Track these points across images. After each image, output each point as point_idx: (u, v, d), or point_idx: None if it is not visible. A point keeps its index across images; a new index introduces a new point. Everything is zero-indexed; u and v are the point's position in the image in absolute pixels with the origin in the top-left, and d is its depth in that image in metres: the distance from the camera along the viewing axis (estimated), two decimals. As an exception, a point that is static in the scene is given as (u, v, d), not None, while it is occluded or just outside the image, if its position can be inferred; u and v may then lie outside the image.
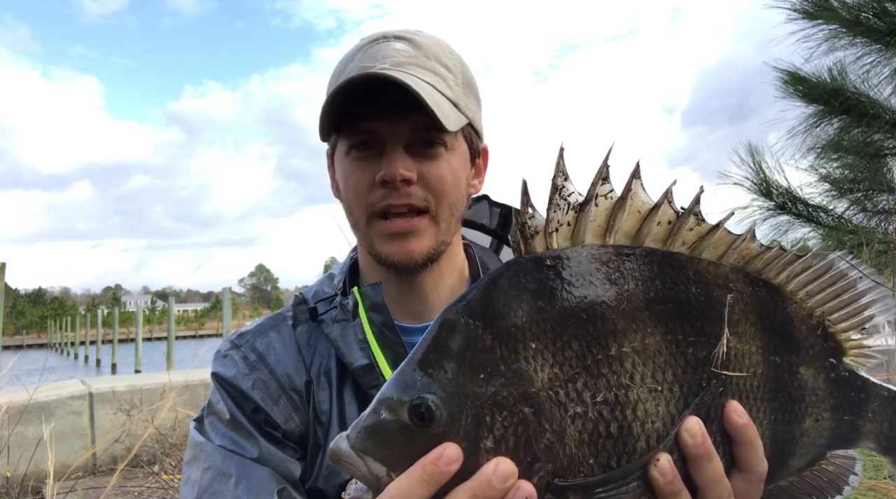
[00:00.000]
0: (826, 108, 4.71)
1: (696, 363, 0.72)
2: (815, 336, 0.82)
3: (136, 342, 32.13)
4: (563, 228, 0.71)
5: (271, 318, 1.25)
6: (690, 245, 0.75)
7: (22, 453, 5.95)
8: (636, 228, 0.73)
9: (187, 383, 7.41)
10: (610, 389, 0.68)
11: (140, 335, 32.51)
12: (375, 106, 1.07)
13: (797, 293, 0.82)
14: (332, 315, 1.19)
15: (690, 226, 0.74)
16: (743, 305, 0.77)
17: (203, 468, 1.09)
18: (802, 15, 4.64)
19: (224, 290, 15.99)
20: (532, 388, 0.67)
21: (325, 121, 1.10)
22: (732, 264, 0.78)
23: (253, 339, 1.21)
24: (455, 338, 0.68)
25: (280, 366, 1.16)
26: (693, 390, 0.72)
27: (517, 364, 0.67)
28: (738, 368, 0.75)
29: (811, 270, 0.81)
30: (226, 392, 1.15)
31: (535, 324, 0.68)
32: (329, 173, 1.26)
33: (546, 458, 0.66)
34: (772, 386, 0.78)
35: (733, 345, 0.75)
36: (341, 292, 1.22)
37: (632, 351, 0.69)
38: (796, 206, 4.92)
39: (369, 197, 1.11)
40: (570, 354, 0.68)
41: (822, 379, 0.82)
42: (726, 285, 0.76)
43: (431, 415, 0.65)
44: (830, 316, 0.83)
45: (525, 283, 0.69)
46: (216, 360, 1.20)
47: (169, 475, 5.85)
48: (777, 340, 0.79)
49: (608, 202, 0.71)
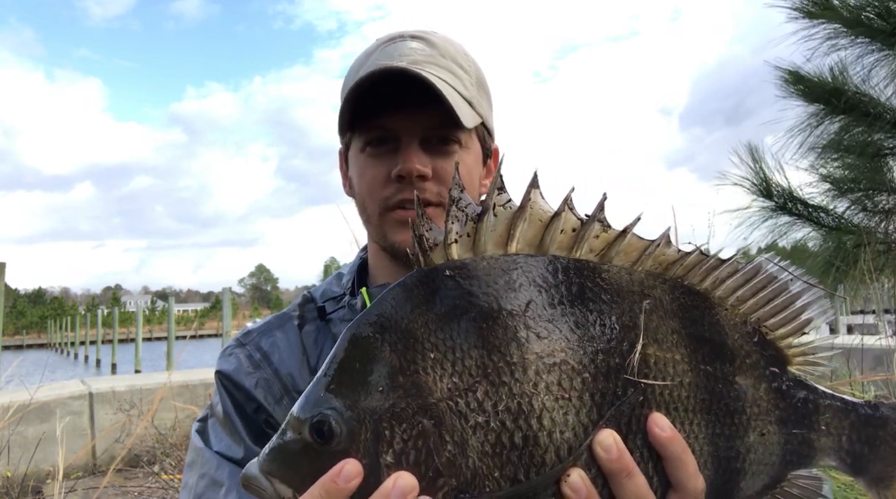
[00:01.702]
0: (827, 108, 4.71)
1: (608, 371, 0.69)
2: (751, 344, 0.77)
3: (136, 342, 32.14)
4: (463, 239, 0.69)
5: (277, 317, 1.25)
6: (599, 252, 0.72)
7: (22, 453, 5.95)
8: (539, 236, 0.70)
9: (187, 383, 7.41)
10: (512, 397, 0.65)
11: (140, 335, 32.52)
12: (392, 102, 1.07)
13: (726, 299, 0.77)
14: (341, 315, 1.19)
15: (596, 233, 0.72)
16: (662, 311, 0.73)
17: (199, 475, 1.09)
18: (803, 14, 4.64)
19: (224, 290, 15.98)
20: (431, 398, 0.65)
21: (344, 116, 1.10)
22: (648, 270, 0.74)
23: (258, 338, 1.21)
24: (355, 352, 0.67)
25: (284, 366, 1.16)
26: (608, 400, 0.68)
27: (416, 375, 0.65)
28: (660, 378, 0.71)
29: (739, 274, 0.77)
30: (227, 392, 1.15)
31: (434, 334, 0.67)
32: (341, 172, 1.26)
33: (449, 472, 0.64)
34: (704, 397, 0.73)
35: (653, 352, 0.71)
36: (350, 292, 1.22)
37: (535, 358, 0.66)
38: (796, 206, 4.92)
39: (384, 192, 1.11)
40: (469, 363, 0.66)
41: (764, 389, 0.76)
42: (641, 291, 0.73)
43: (331, 432, 0.64)
44: (766, 322, 0.78)
45: (424, 293, 0.68)
46: (221, 357, 1.21)
47: (169, 475, 5.85)
48: (707, 349, 0.74)
49: (507, 212, 0.69)
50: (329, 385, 0.67)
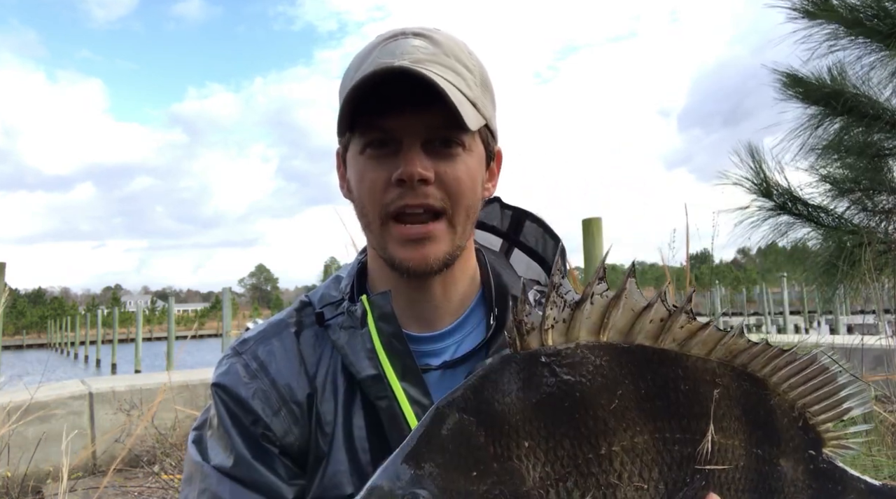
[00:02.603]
0: (826, 110, 4.70)
1: (681, 460, 0.74)
2: (796, 428, 0.84)
3: (136, 342, 32.14)
4: (559, 325, 0.72)
5: (274, 324, 1.22)
6: (680, 342, 0.77)
7: (22, 453, 5.95)
8: (629, 325, 0.74)
9: (187, 383, 7.41)
10: (599, 488, 0.69)
11: (140, 335, 32.52)
12: (393, 102, 1.04)
13: (780, 386, 0.83)
14: (339, 321, 1.16)
15: (682, 323, 0.76)
16: (728, 399, 0.79)
17: (199, 490, 1.08)
18: (802, 14, 4.64)
19: (224, 290, 15.95)
20: (524, 487, 0.67)
21: (344, 116, 1.06)
22: (719, 359, 0.79)
23: (255, 346, 1.18)
24: (448, 432, 0.68)
25: (281, 376, 1.14)
26: (677, 487, 0.73)
27: (510, 462, 0.67)
28: (721, 462, 0.76)
29: (795, 363, 0.83)
30: (224, 404, 1.13)
31: (529, 422, 0.68)
32: (338, 173, 1.22)
33: None
34: (753, 478, 0.79)
35: (718, 439, 0.76)
36: (349, 298, 1.19)
37: (621, 450, 0.70)
38: (796, 206, 4.91)
39: (384, 197, 1.07)
40: (561, 454, 0.68)
41: (802, 470, 0.84)
42: (713, 381, 0.78)
43: None
44: (811, 408, 0.85)
45: (519, 379, 0.70)
46: (218, 368, 1.18)
47: (169, 475, 5.85)
48: (759, 433, 0.81)
49: (603, 300, 0.73)
50: (419, 462, 0.67)
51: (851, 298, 5.08)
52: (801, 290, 34.81)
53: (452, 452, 0.67)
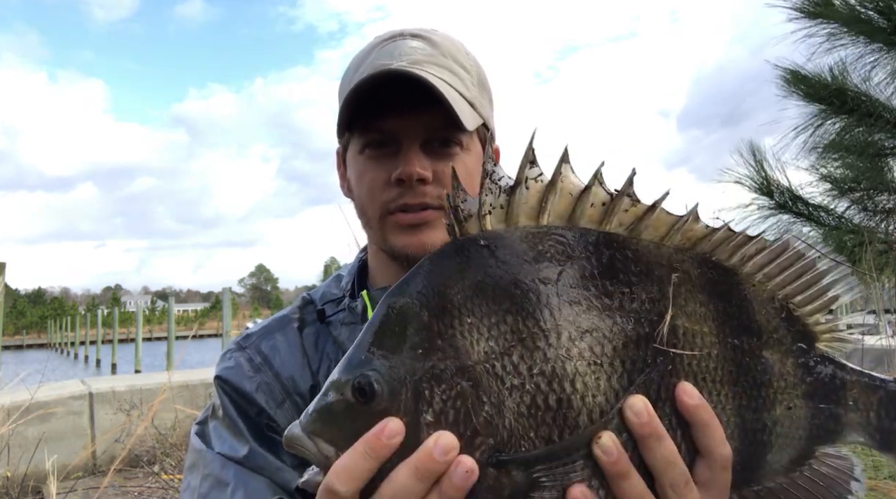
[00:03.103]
0: (827, 108, 4.70)
1: (638, 339, 0.70)
2: (778, 319, 0.78)
3: (136, 342, 32.14)
4: (497, 211, 0.71)
5: (277, 319, 1.24)
6: (628, 226, 0.73)
7: (22, 453, 5.95)
8: (569, 209, 0.72)
9: (187, 383, 7.41)
10: (546, 361, 0.68)
11: (140, 335, 32.52)
12: (391, 103, 1.05)
13: (754, 276, 0.78)
14: (340, 317, 1.17)
15: (625, 207, 0.73)
16: (690, 285, 0.74)
17: (202, 476, 1.08)
18: (803, 14, 4.64)
19: (224, 290, 15.96)
20: (469, 361, 0.67)
21: (343, 118, 1.08)
22: (676, 245, 0.75)
23: (258, 341, 1.19)
24: (395, 317, 0.70)
25: (285, 369, 1.15)
26: (638, 367, 0.70)
27: (454, 339, 0.68)
28: (689, 348, 0.72)
29: (766, 251, 0.78)
30: (228, 396, 1.14)
31: (470, 300, 0.69)
32: (338, 172, 1.24)
33: (486, 432, 0.66)
34: (731, 369, 0.74)
35: (681, 324, 0.72)
36: (349, 294, 1.20)
37: (568, 324, 0.69)
38: (797, 205, 4.91)
39: (384, 196, 1.09)
40: (504, 329, 0.68)
41: (791, 364, 0.78)
42: (670, 265, 0.74)
43: (373, 391, 0.66)
44: (794, 299, 0.79)
45: (460, 262, 0.71)
46: (221, 361, 1.19)
47: (169, 475, 5.85)
48: (734, 323, 0.76)
49: (539, 185, 0.71)
50: (370, 348, 0.69)
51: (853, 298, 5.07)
52: (802, 290, 34.65)
53: (399, 333, 0.69)
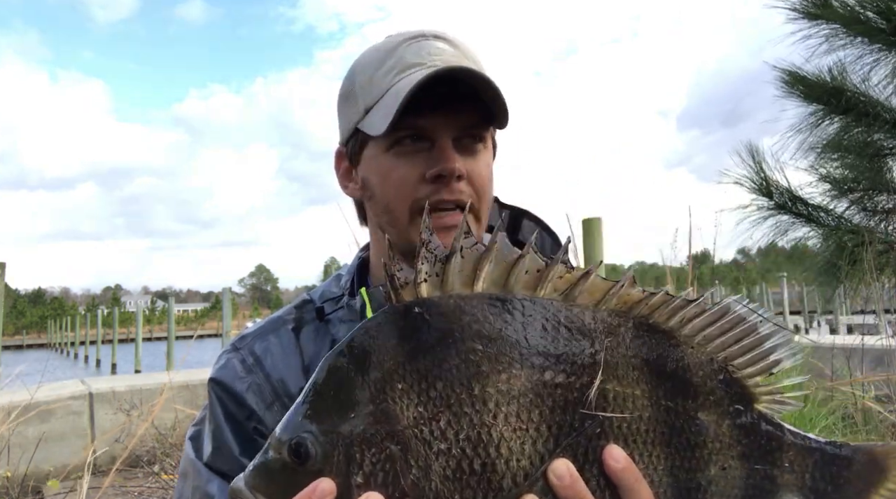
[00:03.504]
0: (826, 108, 4.71)
1: (566, 405, 0.72)
2: (715, 381, 0.79)
3: (136, 342, 32.13)
4: (432, 279, 0.74)
5: (272, 321, 1.24)
6: (563, 292, 0.75)
7: (22, 453, 5.95)
8: (504, 276, 0.74)
9: (188, 383, 7.41)
10: (473, 427, 0.70)
11: (140, 335, 32.51)
12: (431, 101, 1.04)
13: (692, 338, 0.79)
14: (339, 315, 1.17)
15: (560, 273, 0.75)
16: (624, 348, 0.76)
17: (193, 487, 1.11)
18: (802, 15, 4.64)
19: (224, 290, 15.96)
20: (398, 426, 0.70)
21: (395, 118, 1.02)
22: (612, 309, 0.77)
23: (252, 342, 1.20)
24: (331, 380, 0.73)
25: (275, 371, 1.15)
26: (564, 432, 0.72)
27: (385, 404, 0.71)
28: (619, 411, 0.74)
29: (707, 314, 0.79)
30: (219, 400, 1.14)
31: (402, 366, 0.72)
32: (337, 172, 1.22)
33: (414, 494, 0.69)
34: (664, 430, 0.76)
35: (612, 387, 0.74)
36: (349, 293, 1.20)
37: (495, 391, 0.71)
38: (796, 205, 4.91)
39: (416, 192, 1.07)
40: (434, 394, 0.71)
41: (727, 425, 0.79)
42: (603, 329, 0.75)
43: (307, 453, 0.70)
44: (734, 361, 0.80)
45: (394, 327, 0.73)
46: (216, 363, 1.20)
47: (169, 475, 5.85)
48: (669, 385, 0.77)
49: (473, 253, 0.74)
50: (307, 410, 0.73)
51: (851, 298, 5.08)
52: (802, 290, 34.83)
53: (334, 397, 0.72)
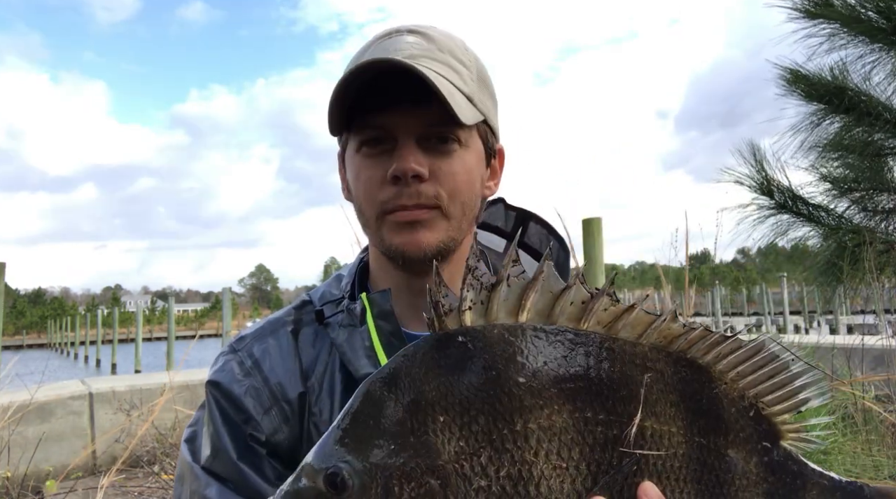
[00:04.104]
0: (827, 108, 4.70)
1: (605, 442, 0.72)
2: (746, 418, 0.80)
3: (136, 342, 32.13)
4: (476, 307, 0.73)
5: (271, 322, 1.22)
6: (606, 325, 0.75)
7: (22, 453, 5.95)
8: (549, 307, 0.74)
9: (187, 383, 7.41)
10: (514, 463, 0.69)
11: (140, 335, 32.50)
12: (386, 98, 1.03)
13: (726, 374, 0.80)
14: (339, 319, 1.16)
15: (605, 306, 0.75)
16: (663, 384, 0.76)
17: (191, 491, 1.09)
18: (803, 14, 4.64)
19: (224, 290, 15.93)
20: (439, 460, 0.69)
21: (334, 113, 1.06)
22: (652, 344, 0.77)
23: (251, 344, 1.18)
24: (371, 409, 0.71)
25: (274, 374, 1.14)
26: (603, 470, 0.71)
27: (426, 436, 0.69)
28: (656, 448, 0.74)
29: (741, 350, 0.80)
30: (217, 403, 1.13)
31: (445, 398, 0.70)
32: (340, 175, 1.22)
33: None
34: (696, 467, 0.76)
35: (650, 425, 0.74)
36: (349, 296, 1.18)
37: (537, 428, 0.70)
38: (797, 205, 4.91)
39: (381, 195, 1.07)
40: (476, 429, 0.69)
41: (755, 463, 0.80)
42: (644, 364, 0.76)
43: (344, 484, 0.68)
44: (764, 398, 0.81)
45: (437, 358, 0.72)
46: (214, 365, 1.19)
47: (169, 475, 5.85)
48: (702, 421, 0.78)
49: (520, 282, 0.73)
50: (344, 438, 0.70)
51: (851, 298, 5.08)
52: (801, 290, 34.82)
53: (373, 427, 0.70)
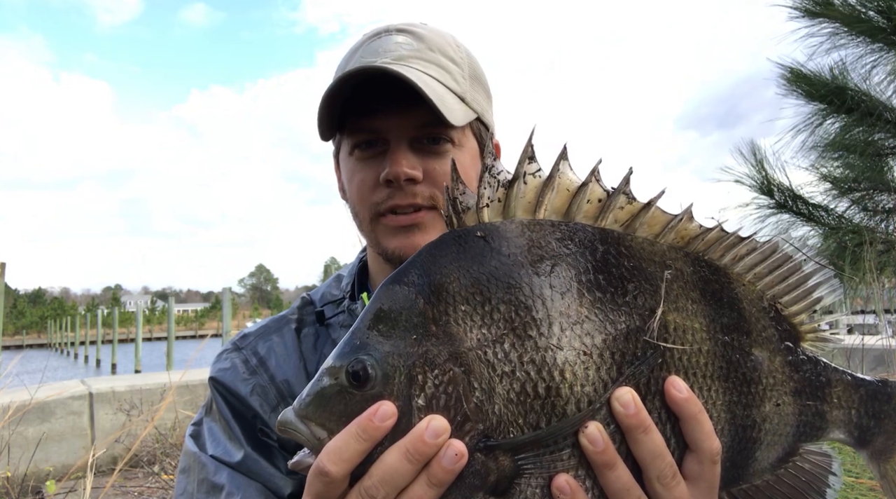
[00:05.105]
0: (827, 108, 4.70)
1: (629, 333, 0.71)
2: (767, 318, 0.80)
3: (136, 342, 32.10)
4: (494, 204, 0.72)
5: (275, 320, 1.23)
6: (623, 223, 0.75)
7: (22, 453, 5.94)
8: (566, 205, 0.73)
9: (187, 383, 7.40)
10: (537, 350, 0.68)
11: (140, 335, 32.48)
12: (378, 102, 1.03)
13: (744, 275, 0.80)
14: (340, 319, 1.16)
15: (621, 204, 0.74)
16: (683, 282, 0.76)
17: (198, 480, 1.08)
18: (803, 13, 4.64)
19: (224, 290, 15.93)
20: (462, 347, 0.68)
21: (323, 119, 1.05)
22: (670, 244, 0.77)
23: (255, 341, 1.18)
24: (390, 303, 0.71)
25: (280, 372, 1.14)
26: (627, 360, 0.70)
27: (448, 325, 0.69)
28: (679, 343, 0.73)
29: (757, 252, 0.80)
30: (222, 397, 1.13)
31: (465, 288, 0.70)
32: (336, 175, 1.22)
33: (476, 417, 0.67)
34: (722, 365, 0.76)
35: (672, 319, 0.73)
36: (349, 296, 1.19)
37: (559, 315, 0.69)
38: (797, 204, 4.91)
39: (374, 196, 1.07)
40: (497, 317, 0.69)
41: (779, 362, 0.79)
42: (663, 262, 0.75)
43: (367, 375, 0.67)
44: (781, 299, 0.81)
45: (456, 251, 0.71)
46: (217, 362, 1.18)
47: (169, 475, 5.84)
48: (725, 320, 0.77)
49: (537, 180, 0.72)
50: (364, 335, 0.70)
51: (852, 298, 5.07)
52: (801, 289, 34.56)
53: (394, 319, 0.70)
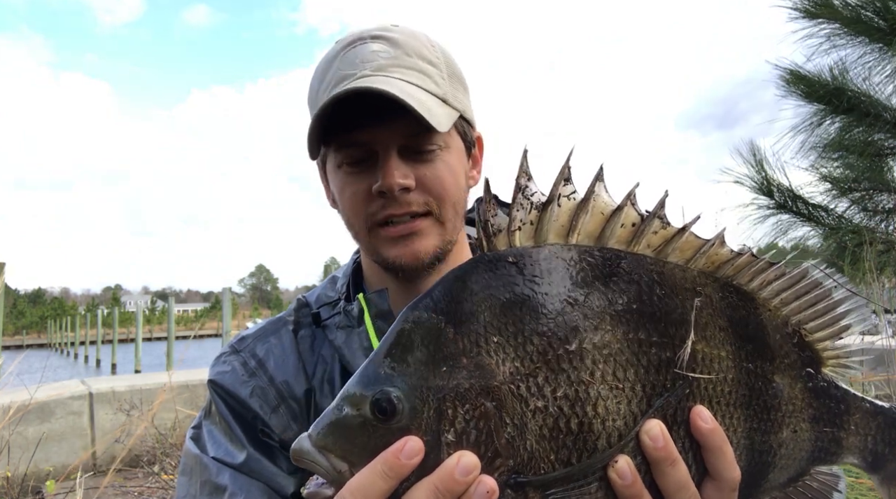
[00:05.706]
0: (827, 108, 4.70)
1: (659, 364, 0.71)
2: (790, 345, 0.80)
3: (135, 342, 32.11)
4: (526, 227, 0.71)
5: (272, 322, 1.23)
6: (656, 248, 0.74)
7: (22, 453, 5.94)
8: (599, 229, 0.72)
9: (187, 383, 7.40)
10: (570, 384, 0.67)
11: (140, 335, 32.48)
12: (362, 116, 1.03)
13: (771, 301, 0.80)
14: (336, 321, 1.16)
15: (655, 229, 0.74)
16: (712, 309, 0.76)
17: (200, 482, 1.08)
18: (803, 14, 4.64)
19: (224, 290, 15.92)
20: (494, 381, 0.66)
21: (312, 142, 1.05)
22: (701, 269, 0.76)
23: (253, 344, 1.18)
24: (418, 332, 0.68)
25: (279, 373, 1.14)
26: (657, 392, 0.70)
27: (479, 357, 0.66)
28: (707, 372, 0.73)
29: (785, 277, 0.80)
30: (222, 400, 1.14)
31: (497, 318, 0.67)
32: (323, 184, 1.22)
33: (507, 453, 0.65)
34: (745, 393, 0.76)
35: (700, 348, 0.73)
36: (345, 297, 1.19)
37: (592, 348, 0.68)
38: (796, 204, 4.91)
39: (368, 208, 1.07)
40: (531, 349, 0.67)
41: (800, 388, 0.80)
42: (693, 289, 0.75)
43: (393, 408, 0.64)
44: (806, 325, 0.81)
45: (488, 278, 0.69)
46: (215, 365, 1.18)
47: (169, 475, 5.84)
48: (750, 347, 0.77)
49: (571, 203, 0.71)
50: (390, 363, 0.67)
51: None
52: (801, 289, 34.57)
53: (422, 349, 0.67)
